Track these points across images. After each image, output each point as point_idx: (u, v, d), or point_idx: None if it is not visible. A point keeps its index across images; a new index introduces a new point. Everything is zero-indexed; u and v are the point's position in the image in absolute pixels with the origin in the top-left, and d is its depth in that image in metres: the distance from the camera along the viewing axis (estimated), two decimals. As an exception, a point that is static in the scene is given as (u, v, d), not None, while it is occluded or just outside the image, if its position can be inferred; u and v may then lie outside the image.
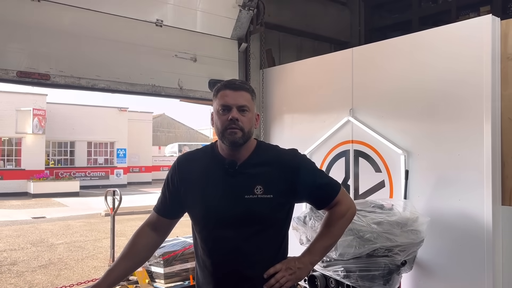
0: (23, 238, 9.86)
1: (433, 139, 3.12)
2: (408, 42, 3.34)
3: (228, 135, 1.63)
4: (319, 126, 3.92)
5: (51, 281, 6.47)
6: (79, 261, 7.67)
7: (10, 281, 6.48)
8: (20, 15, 3.19)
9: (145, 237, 1.78)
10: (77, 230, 10.90)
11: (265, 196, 1.64)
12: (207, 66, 4.16)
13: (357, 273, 2.53)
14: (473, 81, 2.90)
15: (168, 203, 1.77)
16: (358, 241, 2.51)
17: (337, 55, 3.96)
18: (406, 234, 2.62)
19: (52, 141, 23.98)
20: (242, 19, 4.23)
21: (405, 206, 2.90)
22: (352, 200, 1.87)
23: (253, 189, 1.65)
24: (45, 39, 3.30)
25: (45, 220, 12.78)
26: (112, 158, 25.98)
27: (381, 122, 3.45)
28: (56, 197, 19.48)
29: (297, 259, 1.72)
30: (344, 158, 3.73)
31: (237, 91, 1.66)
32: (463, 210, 2.91)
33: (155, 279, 4.54)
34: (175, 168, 1.78)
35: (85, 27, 3.48)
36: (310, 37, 5.42)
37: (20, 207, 16.32)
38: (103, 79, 3.55)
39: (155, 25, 3.83)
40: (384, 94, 3.45)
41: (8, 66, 3.12)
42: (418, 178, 3.19)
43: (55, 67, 3.31)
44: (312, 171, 1.76)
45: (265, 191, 1.65)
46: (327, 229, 1.77)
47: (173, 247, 4.58)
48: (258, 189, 1.65)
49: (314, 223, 2.68)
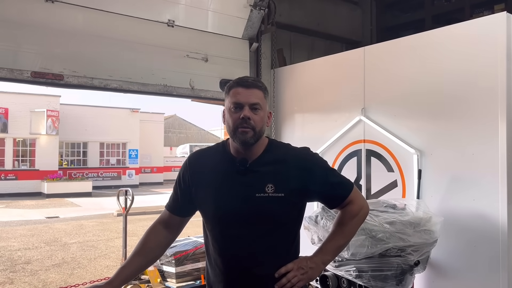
0: (37, 237, 9.98)
1: (446, 138, 3.08)
2: (420, 41, 3.30)
3: (239, 134, 1.61)
4: (330, 126, 3.90)
5: (64, 279, 6.53)
6: (92, 260, 7.74)
7: (24, 280, 6.57)
8: (34, 16, 3.24)
9: (157, 235, 1.77)
10: (90, 229, 11.01)
11: (276, 194, 1.62)
12: (218, 66, 4.17)
13: (369, 273, 2.51)
14: (487, 79, 2.86)
15: (180, 201, 1.77)
16: (371, 241, 2.48)
17: (349, 54, 3.94)
18: (419, 234, 2.59)
19: (65, 142, 24.26)
20: (253, 19, 4.24)
21: (418, 206, 2.87)
22: (365, 199, 1.84)
23: (264, 187, 1.63)
24: (59, 40, 3.34)
25: (58, 220, 12.93)
26: (124, 159, 26.19)
27: (394, 121, 3.42)
28: (69, 197, 19.70)
29: (309, 258, 1.70)
30: (356, 158, 3.71)
31: (250, 89, 1.64)
32: (477, 210, 2.87)
33: (166, 278, 4.56)
34: (187, 166, 1.77)
35: (98, 27, 3.51)
36: (321, 37, 5.40)
37: (34, 207, 16.54)
38: (116, 79, 3.58)
39: (167, 25, 3.86)
40: (397, 93, 3.42)
41: (22, 66, 3.17)
42: (431, 178, 3.16)
43: (68, 68, 3.35)
44: (324, 170, 1.74)
45: (276, 189, 1.63)
46: (340, 229, 1.74)
47: (184, 246, 4.60)
48: (269, 187, 1.63)
49: (326, 223, 2.66)
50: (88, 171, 24.71)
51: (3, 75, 3.10)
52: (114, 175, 25.67)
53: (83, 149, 25.14)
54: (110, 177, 25.50)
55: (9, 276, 6.74)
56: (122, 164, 26.10)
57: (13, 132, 21.21)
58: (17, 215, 13.81)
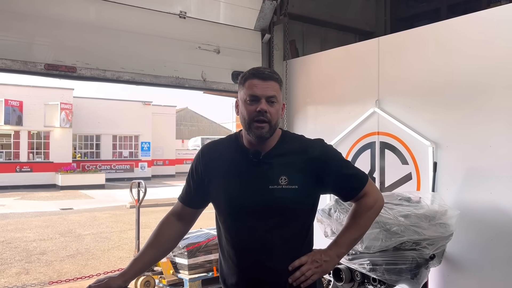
0: (52, 228, 10.14)
1: (463, 130, 3.02)
2: (436, 31, 3.23)
3: (255, 129, 1.59)
4: (344, 118, 3.86)
5: (78, 270, 6.63)
6: (105, 252, 7.83)
7: (39, 270, 6.68)
8: (46, 9, 3.24)
9: (170, 227, 1.76)
10: (103, 221, 11.14)
11: (290, 186, 1.60)
12: (230, 57, 4.14)
13: (383, 266, 2.48)
14: (505, 70, 2.79)
15: (193, 193, 1.75)
16: (385, 234, 2.46)
17: (363, 45, 3.88)
18: (434, 228, 2.56)
19: (79, 135, 24.53)
20: (265, 10, 4.19)
21: (433, 199, 2.82)
22: (380, 192, 1.80)
23: (278, 179, 1.60)
24: (72, 32, 3.35)
25: (72, 212, 13.11)
26: (137, 151, 26.40)
27: (408, 113, 3.37)
28: (83, 189, 19.97)
29: (323, 251, 1.67)
30: (370, 150, 3.67)
31: (266, 81, 1.60)
32: (494, 203, 2.81)
33: (179, 270, 4.59)
34: (199, 157, 1.75)
35: (110, 19, 3.51)
36: (334, 28, 5.32)
37: (48, 198, 16.79)
38: (128, 71, 3.58)
39: (178, 17, 3.84)
40: (412, 84, 3.36)
41: (36, 59, 3.18)
42: (447, 171, 3.11)
43: (81, 60, 3.36)
44: (339, 162, 1.71)
45: (289, 181, 1.60)
46: (354, 221, 1.71)
47: (196, 238, 4.62)
48: (283, 179, 1.60)
49: (339, 216, 2.64)
50: (101, 163, 24.97)
51: (17, 67, 3.12)
52: (127, 167, 25.91)
53: (96, 141, 25.39)
54: (122, 169, 25.75)
55: (25, 267, 6.86)
56: (134, 156, 26.32)
57: (27, 125, 21.54)
58: (32, 207, 14.04)
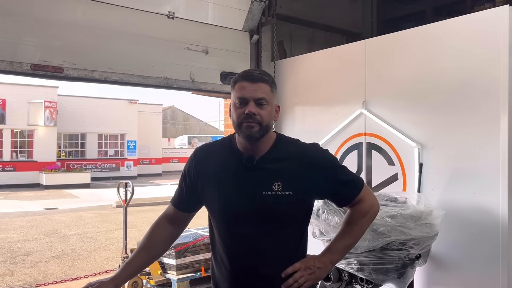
0: (36, 229, 10.01)
1: (448, 132, 3.08)
2: (422, 34, 3.29)
3: (244, 128, 1.56)
4: (331, 119, 3.89)
5: (64, 271, 6.56)
6: (92, 252, 7.77)
7: (24, 271, 6.60)
8: (33, 8, 3.20)
9: (162, 230, 1.75)
10: (89, 221, 11.04)
11: (284, 193, 1.57)
12: (218, 58, 4.14)
13: (370, 266, 2.52)
14: (489, 72, 2.85)
15: (185, 196, 1.73)
16: (372, 234, 2.49)
17: (350, 47, 3.92)
18: (420, 228, 2.60)
19: (63, 133, 24.22)
20: (254, 11, 4.21)
21: (419, 200, 2.87)
22: (375, 197, 1.77)
23: (272, 185, 1.58)
24: (59, 32, 3.31)
25: (57, 211, 12.95)
26: (123, 150, 26.17)
27: (395, 115, 3.42)
28: (68, 188, 19.74)
29: (317, 258, 1.65)
30: (357, 151, 3.71)
31: (255, 83, 1.57)
32: (478, 203, 2.88)
33: (167, 270, 4.59)
34: (192, 161, 1.72)
35: (98, 19, 3.48)
36: (321, 29, 5.35)
37: (32, 198, 16.55)
38: (116, 71, 3.55)
39: (167, 17, 3.82)
40: (398, 86, 3.41)
41: (22, 59, 3.13)
42: (432, 171, 3.16)
43: (68, 60, 3.32)
44: (334, 168, 1.69)
45: (284, 187, 1.58)
46: (349, 227, 1.69)
47: (185, 239, 4.62)
48: (277, 185, 1.58)
49: (327, 216, 2.67)
50: (86, 162, 24.70)
51: (3, 67, 3.07)
52: (113, 166, 25.68)
53: (81, 140, 25.10)
54: (108, 168, 25.51)
55: (9, 268, 6.77)
56: (120, 155, 26.09)
57: (11, 123, 21.17)
58: (16, 207, 13.83)
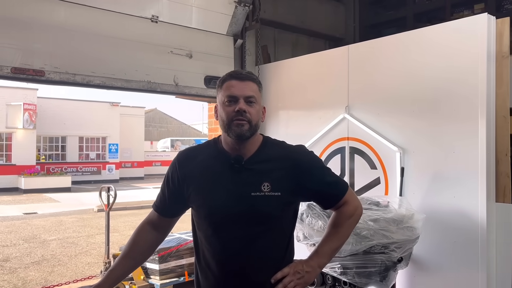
0: (15, 234, 9.78)
1: (428, 137, 3.15)
2: (404, 40, 3.35)
3: (234, 127, 1.54)
4: (315, 123, 3.93)
5: (44, 277, 6.43)
6: (73, 257, 7.63)
7: (3, 278, 6.44)
8: (14, 11, 3.15)
9: (145, 236, 1.73)
10: (70, 226, 10.84)
11: (273, 193, 1.57)
12: (202, 62, 4.14)
13: (354, 269, 2.55)
14: (468, 79, 2.92)
15: (168, 202, 1.71)
16: (355, 238, 2.52)
17: (333, 52, 3.97)
18: (402, 231, 2.64)
19: (43, 136, 23.78)
20: (237, 15, 4.22)
21: (400, 203, 2.92)
22: (359, 200, 1.79)
23: (260, 185, 1.57)
24: (40, 35, 3.26)
25: (37, 216, 12.68)
26: (104, 153, 25.83)
27: (377, 119, 3.47)
28: (48, 192, 19.34)
29: (305, 262, 1.64)
30: (340, 155, 3.75)
31: (244, 82, 1.58)
32: (457, 207, 2.94)
33: (150, 275, 4.54)
34: (176, 165, 1.68)
35: (80, 23, 3.44)
36: (305, 34, 5.42)
37: (11, 202, 16.17)
38: (98, 75, 3.52)
39: (150, 21, 3.81)
40: (380, 92, 3.47)
41: (2, 62, 3.08)
42: (413, 175, 3.22)
43: (50, 63, 3.28)
44: (320, 169, 1.69)
45: (272, 188, 1.57)
46: (335, 230, 1.70)
47: (168, 243, 4.59)
48: (266, 186, 1.57)
49: (311, 221, 2.69)
50: (67, 165, 24.28)
51: (-18, 70, 3.02)
52: (94, 169, 25.31)
53: (62, 143, 24.68)
54: (89, 171, 25.14)
55: (-13, 274, 6.61)
56: (102, 158, 25.73)
57: (-12, 126, 20.69)
58: (-6, 211, 13.51)
